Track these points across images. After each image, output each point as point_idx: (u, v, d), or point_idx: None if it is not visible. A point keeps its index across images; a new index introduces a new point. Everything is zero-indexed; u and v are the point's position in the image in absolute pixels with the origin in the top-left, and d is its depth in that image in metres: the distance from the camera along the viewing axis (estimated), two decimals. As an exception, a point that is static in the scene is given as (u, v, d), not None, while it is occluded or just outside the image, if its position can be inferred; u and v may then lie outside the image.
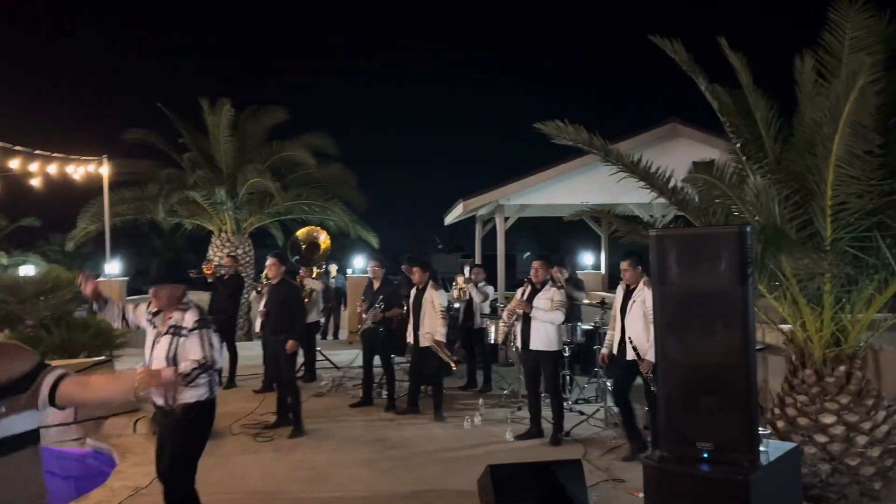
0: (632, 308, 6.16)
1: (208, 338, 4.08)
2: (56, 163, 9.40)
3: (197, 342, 4.06)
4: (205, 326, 4.11)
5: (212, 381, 4.18)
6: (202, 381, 4.04)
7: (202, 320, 4.13)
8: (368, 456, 6.27)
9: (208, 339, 4.08)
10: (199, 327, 4.10)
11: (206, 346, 4.04)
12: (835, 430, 5.00)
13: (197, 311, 4.20)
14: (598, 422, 7.22)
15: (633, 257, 6.29)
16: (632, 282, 6.25)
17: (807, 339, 5.25)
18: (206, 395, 4.15)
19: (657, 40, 5.16)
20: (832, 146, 4.38)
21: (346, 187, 16.43)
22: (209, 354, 4.03)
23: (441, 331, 7.57)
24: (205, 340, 4.07)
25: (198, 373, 3.96)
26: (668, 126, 11.69)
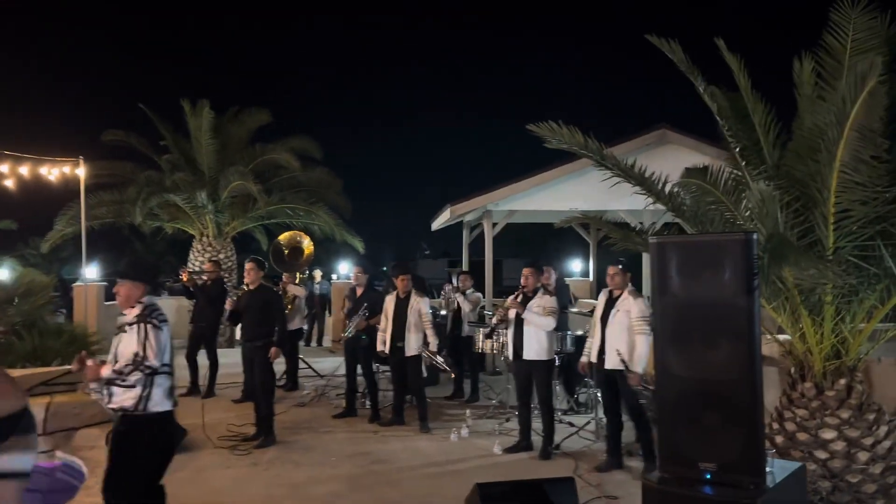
0: (615, 317, 5.98)
1: (145, 332, 3.87)
2: (28, 164, 9.07)
3: (134, 337, 3.88)
4: (144, 321, 3.89)
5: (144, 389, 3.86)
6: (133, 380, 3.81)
7: (143, 315, 3.92)
8: (350, 471, 6.02)
9: (144, 334, 3.87)
10: (137, 321, 3.91)
11: (139, 341, 3.85)
12: (835, 446, 4.82)
13: (143, 308, 3.98)
14: (588, 434, 7.01)
15: (621, 264, 6.13)
16: (617, 288, 6.08)
17: (806, 351, 5.08)
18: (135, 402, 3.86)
19: (654, 40, 4.98)
20: (836, 151, 4.21)
21: (331, 192, 16.19)
22: (142, 350, 3.83)
23: (433, 340, 7.36)
24: (141, 335, 3.87)
25: (131, 368, 3.80)
26: (657, 132, 11.54)
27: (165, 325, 4.02)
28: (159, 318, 3.99)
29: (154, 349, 3.86)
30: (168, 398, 4.04)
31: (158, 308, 4.08)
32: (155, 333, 3.89)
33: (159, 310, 4.07)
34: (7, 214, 18.11)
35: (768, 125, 5.09)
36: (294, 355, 9.86)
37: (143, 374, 3.85)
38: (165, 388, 4.00)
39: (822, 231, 4.68)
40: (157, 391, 3.94)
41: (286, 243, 10.26)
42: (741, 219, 5.09)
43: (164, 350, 3.98)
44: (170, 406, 4.05)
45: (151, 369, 3.87)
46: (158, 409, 3.95)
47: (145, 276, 4.23)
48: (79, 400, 7.17)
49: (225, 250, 15.22)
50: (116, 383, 3.86)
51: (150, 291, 4.19)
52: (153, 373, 3.89)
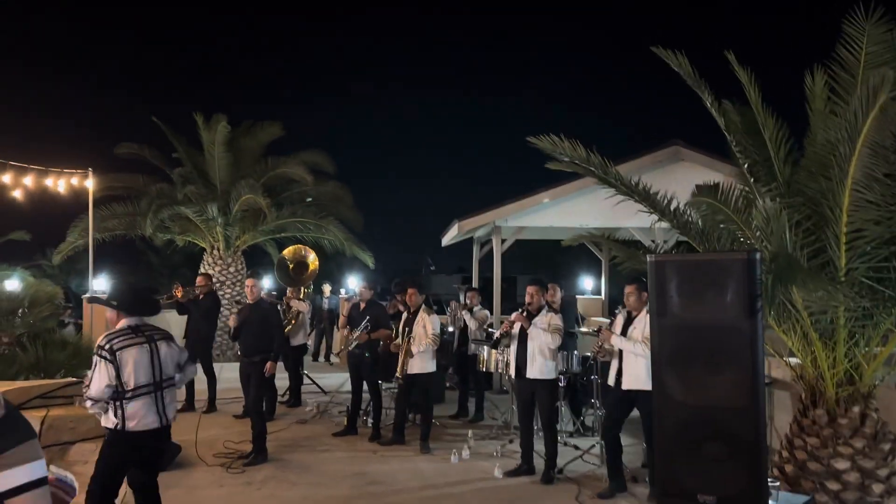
0: (633, 335, 5.77)
1: (94, 365, 4.06)
2: (33, 174, 9.07)
3: (93, 367, 4.08)
4: (97, 353, 4.06)
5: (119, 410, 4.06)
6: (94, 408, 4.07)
7: (98, 346, 4.08)
8: (345, 492, 5.86)
9: (93, 367, 4.05)
10: (95, 352, 4.09)
11: (92, 374, 4.05)
12: (848, 477, 4.60)
13: (102, 337, 4.16)
14: (593, 458, 6.79)
15: (638, 282, 5.90)
16: (635, 308, 5.87)
17: (818, 376, 4.86)
18: (114, 424, 4.08)
19: (661, 52, 4.84)
20: (849, 168, 4.03)
21: (342, 206, 16.15)
22: (88, 381, 4.06)
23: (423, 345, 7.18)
24: (93, 367, 4.06)
25: (87, 396, 4.07)
26: (671, 149, 11.35)
27: (127, 351, 4.08)
28: (117, 345, 4.06)
29: (97, 381, 4.00)
30: (153, 416, 4.16)
31: (118, 335, 4.14)
32: (102, 365, 4.01)
33: (125, 336, 4.14)
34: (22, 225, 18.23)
35: (779, 140, 4.92)
36: (298, 371, 9.73)
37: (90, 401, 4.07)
38: (146, 407, 4.12)
39: (833, 251, 4.48)
40: (136, 413, 4.08)
41: (291, 258, 10.16)
42: (752, 238, 4.91)
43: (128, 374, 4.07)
44: (156, 425, 4.18)
45: (91, 400, 4.05)
46: (138, 429, 4.11)
47: (121, 302, 4.28)
48: (75, 414, 7.08)
49: (235, 263, 15.19)
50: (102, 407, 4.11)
51: (129, 313, 4.24)
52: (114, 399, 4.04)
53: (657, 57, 5.00)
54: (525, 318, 6.32)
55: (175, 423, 4.43)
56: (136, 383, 4.08)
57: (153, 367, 4.16)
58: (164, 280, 31.46)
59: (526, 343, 6.30)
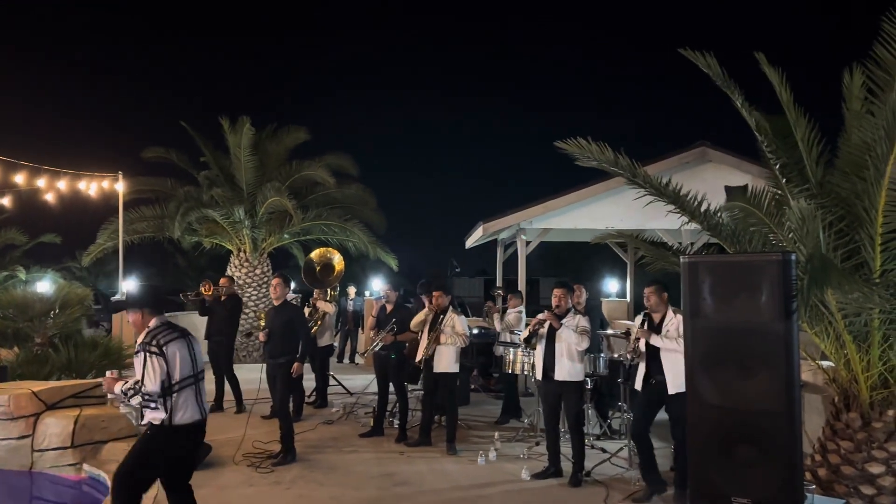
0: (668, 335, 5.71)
1: (143, 360, 4.07)
2: (66, 178, 9.23)
3: (138, 364, 4.10)
4: (143, 350, 4.08)
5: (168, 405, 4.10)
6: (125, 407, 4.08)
7: (144, 343, 4.11)
8: (373, 493, 5.88)
9: (143, 362, 4.06)
10: (139, 350, 4.12)
11: (141, 369, 4.07)
12: (883, 482, 4.54)
13: (145, 334, 4.19)
14: (621, 461, 6.75)
15: (657, 284, 5.88)
16: (656, 309, 5.82)
17: (852, 379, 4.80)
18: (161, 419, 4.10)
19: (689, 54, 4.81)
20: (885, 167, 3.99)
21: (366, 208, 16.22)
22: (141, 377, 4.05)
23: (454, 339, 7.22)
24: (140, 363, 4.08)
25: (132, 392, 4.09)
26: (697, 150, 11.26)
27: (172, 345, 4.16)
28: (162, 340, 4.12)
29: (149, 377, 4.03)
30: (195, 408, 4.25)
31: (163, 331, 4.20)
32: (154, 360, 4.05)
33: (165, 331, 4.20)
34: (53, 228, 18.58)
35: (811, 141, 4.86)
36: (324, 372, 9.80)
37: (143, 398, 4.06)
38: (189, 399, 4.20)
39: (868, 252, 4.43)
40: (181, 405, 4.15)
41: (318, 260, 10.24)
42: (784, 240, 4.86)
43: (175, 368, 4.14)
44: (198, 416, 4.28)
45: (149, 395, 4.05)
46: (184, 422, 4.18)
47: (144, 302, 4.32)
48: (108, 413, 7.19)
49: (261, 266, 15.31)
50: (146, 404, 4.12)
51: (157, 313, 4.29)
52: (162, 395, 4.08)
53: (682, 60, 4.97)
54: (555, 318, 6.30)
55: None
56: (182, 375, 4.16)
57: (192, 360, 4.27)
58: (191, 282, 31.83)
59: (554, 344, 6.28)
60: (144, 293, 4.52)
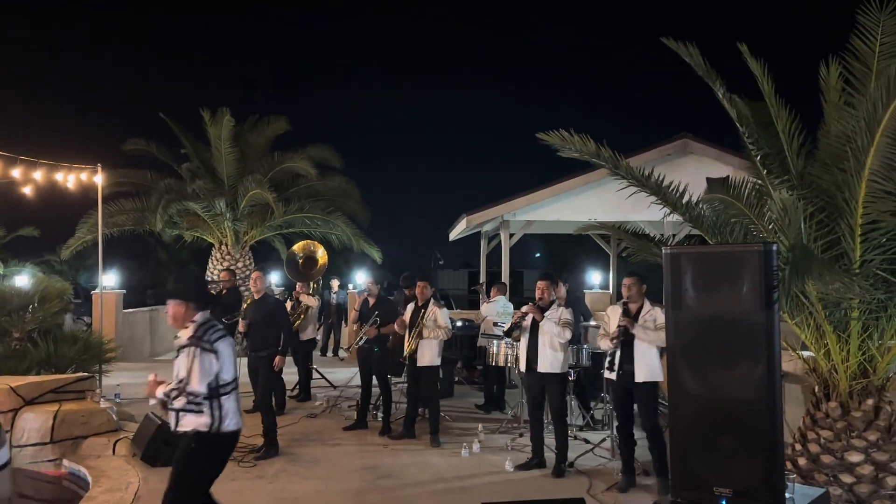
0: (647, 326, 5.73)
1: (192, 358, 3.72)
2: (43, 169, 9.09)
3: (183, 362, 3.76)
4: (195, 345, 3.75)
5: (214, 412, 3.75)
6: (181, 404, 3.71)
7: (195, 338, 3.78)
8: (357, 485, 5.87)
9: (191, 359, 3.72)
10: (187, 345, 3.77)
11: (186, 366, 3.72)
12: (862, 470, 4.59)
13: (194, 329, 3.83)
14: (604, 452, 6.79)
15: (637, 275, 5.90)
16: (633, 301, 5.84)
17: (831, 369, 4.85)
18: (208, 427, 3.74)
19: (671, 44, 4.81)
20: (865, 159, 4.01)
21: (349, 201, 16.16)
22: (186, 376, 3.70)
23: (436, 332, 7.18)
24: (188, 360, 3.73)
25: (176, 393, 3.71)
26: (679, 142, 11.33)
27: (222, 343, 3.85)
28: (212, 337, 3.82)
29: (198, 375, 3.69)
30: (237, 415, 3.92)
31: (213, 325, 3.90)
32: (203, 358, 3.72)
33: (214, 327, 3.90)
34: (31, 221, 18.32)
35: (792, 132, 4.89)
36: (307, 365, 9.76)
37: (188, 399, 3.72)
38: (234, 405, 3.88)
39: (848, 243, 4.46)
40: (228, 410, 3.83)
41: (300, 253, 10.18)
42: (764, 231, 4.89)
43: (223, 368, 3.82)
44: (240, 424, 3.95)
45: (194, 395, 3.72)
46: (231, 429, 3.86)
47: (191, 294, 3.96)
48: (87, 408, 7.12)
49: (243, 259, 15.21)
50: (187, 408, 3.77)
51: (202, 307, 3.95)
52: (209, 397, 3.75)
53: (667, 52, 4.97)
54: (538, 311, 6.31)
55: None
56: (230, 378, 3.87)
57: (234, 362, 3.98)
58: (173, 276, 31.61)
59: (537, 336, 6.29)
60: (194, 284, 4.19)
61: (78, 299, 17.60)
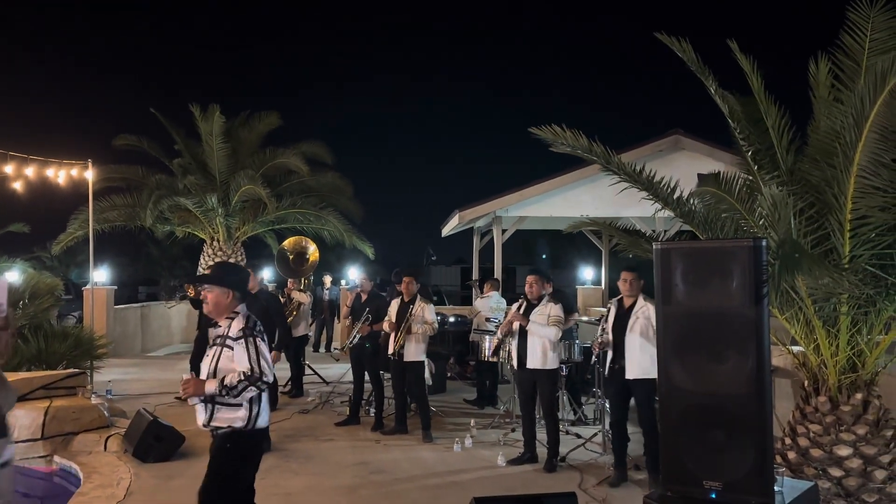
0: (635, 324, 5.76)
1: (255, 347, 3.66)
2: (34, 165, 9.04)
3: (243, 352, 3.64)
4: (251, 335, 3.68)
5: (255, 405, 3.69)
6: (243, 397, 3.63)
7: (249, 328, 3.69)
8: (349, 481, 5.88)
9: (255, 349, 3.65)
10: (244, 336, 3.67)
11: (252, 357, 3.63)
12: (851, 464, 4.62)
13: (244, 319, 3.75)
14: (595, 446, 6.82)
15: (637, 270, 5.90)
16: (629, 295, 5.86)
17: (821, 364, 4.88)
18: (245, 422, 3.67)
19: (665, 39, 4.82)
20: (854, 154, 4.03)
21: (342, 197, 16.12)
22: (256, 366, 3.62)
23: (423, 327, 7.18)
24: (251, 350, 3.65)
25: (245, 385, 3.58)
26: (671, 138, 11.36)
27: (263, 337, 3.79)
28: (261, 329, 3.78)
29: (268, 363, 3.67)
30: (268, 410, 3.87)
31: (255, 319, 3.82)
32: (264, 347, 3.69)
33: (258, 322, 3.83)
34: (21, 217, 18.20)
35: (782, 128, 4.91)
36: (299, 362, 9.76)
37: (259, 390, 3.66)
38: (267, 401, 3.83)
39: (837, 238, 4.49)
40: (264, 407, 3.78)
41: (291, 249, 10.16)
42: (755, 226, 4.91)
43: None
44: (268, 419, 3.90)
45: (267, 384, 3.67)
46: (263, 426, 3.82)
47: (234, 283, 3.82)
48: (78, 404, 7.10)
49: (235, 255, 15.17)
50: (224, 401, 3.66)
51: (242, 299, 3.86)
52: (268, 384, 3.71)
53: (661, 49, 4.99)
54: (522, 317, 6.29)
55: (179, 414, 4.36)
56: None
57: None
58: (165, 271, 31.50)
59: (526, 335, 6.30)
60: (239, 272, 4.04)
61: (69, 295, 17.55)
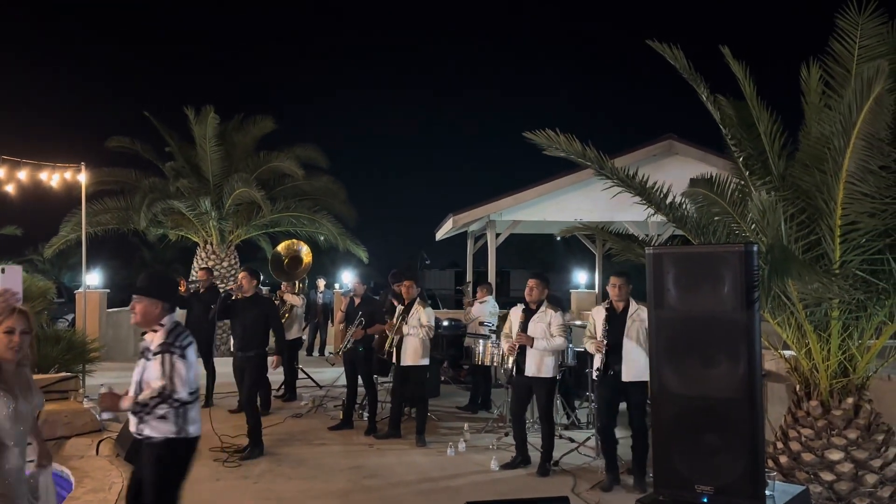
0: (631, 327, 5.77)
1: (171, 364, 3.65)
2: (27, 168, 9.02)
3: (158, 368, 3.65)
4: (169, 351, 3.67)
5: (181, 416, 3.68)
6: (162, 412, 3.62)
7: (167, 344, 3.69)
8: (342, 485, 5.87)
9: (170, 366, 3.65)
10: (162, 351, 3.67)
11: (166, 374, 3.63)
12: (842, 468, 4.65)
13: (166, 334, 3.74)
14: (588, 450, 6.83)
15: (626, 275, 5.96)
16: (619, 300, 5.90)
17: (812, 368, 4.91)
18: (174, 432, 3.67)
19: (656, 46, 4.85)
20: (843, 161, 4.06)
21: (335, 200, 16.12)
22: (169, 384, 3.62)
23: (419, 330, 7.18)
24: (166, 366, 3.64)
25: (157, 402, 3.61)
26: (664, 143, 11.40)
27: (191, 349, 3.78)
28: (184, 342, 3.74)
29: (182, 381, 3.65)
30: (199, 421, 3.86)
31: (183, 330, 3.82)
32: (181, 364, 3.66)
33: (184, 332, 3.81)
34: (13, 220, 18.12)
35: (774, 134, 4.95)
36: (292, 366, 9.74)
37: (172, 407, 3.65)
38: (197, 411, 3.82)
39: (828, 244, 4.52)
40: (194, 417, 3.78)
41: (285, 252, 10.16)
42: (747, 231, 4.94)
43: (195, 376, 3.78)
44: (199, 431, 3.88)
45: (180, 402, 3.66)
46: (193, 435, 3.80)
47: (164, 293, 3.83)
48: (70, 409, 7.08)
49: (228, 258, 15.15)
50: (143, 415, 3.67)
51: (170, 310, 3.84)
52: (183, 404, 3.69)
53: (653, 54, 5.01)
54: (528, 338, 6.21)
55: None
56: (196, 386, 3.78)
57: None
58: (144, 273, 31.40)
59: (524, 347, 6.30)
60: (168, 283, 4.01)
61: (61, 298, 17.47)
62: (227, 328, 13.56)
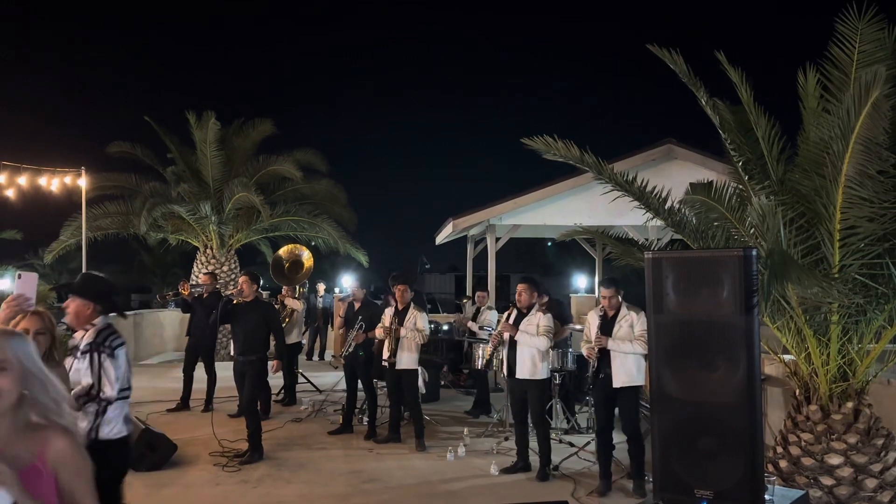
0: (618, 332, 5.81)
1: (98, 363, 3.62)
2: (28, 174, 9.04)
3: (87, 367, 3.63)
4: (98, 350, 3.64)
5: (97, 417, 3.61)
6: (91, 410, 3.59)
7: (96, 343, 3.64)
8: (342, 490, 5.86)
9: (98, 365, 3.62)
10: (90, 350, 3.64)
11: (94, 373, 3.61)
12: (842, 473, 4.64)
13: (96, 333, 3.69)
14: (588, 455, 6.82)
15: (616, 285, 5.99)
16: (613, 307, 5.93)
17: (812, 373, 4.90)
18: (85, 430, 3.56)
19: (656, 50, 4.86)
20: (842, 165, 4.07)
21: (336, 204, 16.12)
22: (97, 382, 3.60)
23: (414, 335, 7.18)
24: (95, 366, 3.62)
25: (84, 401, 3.58)
26: (664, 147, 11.41)
27: (121, 349, 3.75)
28: (114, 343, 3.70)
29: (110, 380, 3.63)
30: (125, 423, 3.77)
31: (114, 332, 3.78)
32: (109, 363, 3.64)
33: (114, 333, 3.77)
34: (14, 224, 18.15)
35: (772, 139, 4.95)
36: (292, 370, 9.74)
37: (99, 405, 3.62)
38: (122, 413, 3.75)
39: (827, 248, 4.52)
40: (111, 418, 3.68)
41: (286, 257, 10.17)
42: (746, 235, 4.94)
43: (122, 376, 3.73)
44: (125, 431, 3.78)
45: (107, 401, 3.63)
46: (111, 437, 3.70)
47: (96, 295, 3.77)
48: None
49: (228, 262, 15.15)
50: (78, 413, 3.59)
51: (103, 311, 3.79)
52: (109, 402, 3.66)
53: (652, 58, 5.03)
54: (512, 327, 6.31)
55: (171, 422, 4.31)
56: (123, 385, 3.74)
57: (129, 370, 3.84)
58: (157, 279, 31.40)
59: (515, 345, 6.31)
60: (103, 286, 3.96)
61: (61, 303, 17.48)
62: (227, 333, 13.54)
